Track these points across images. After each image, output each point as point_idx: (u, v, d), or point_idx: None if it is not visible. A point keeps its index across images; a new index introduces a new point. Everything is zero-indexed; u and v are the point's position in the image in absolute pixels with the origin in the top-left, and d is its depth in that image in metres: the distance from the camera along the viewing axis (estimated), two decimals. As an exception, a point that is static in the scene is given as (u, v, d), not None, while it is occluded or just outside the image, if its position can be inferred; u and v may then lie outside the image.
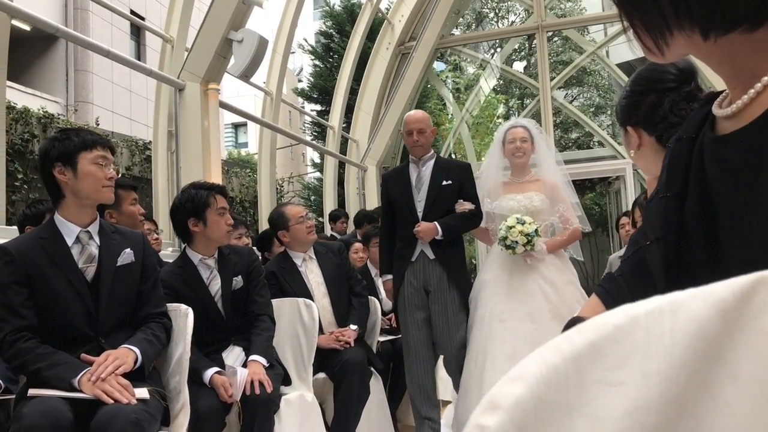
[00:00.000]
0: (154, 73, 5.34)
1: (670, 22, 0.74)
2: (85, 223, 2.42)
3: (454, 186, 3.95)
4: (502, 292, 3.75)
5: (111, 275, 2.40)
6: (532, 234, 3.65)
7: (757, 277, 0.40)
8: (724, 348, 0.39)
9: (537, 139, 4.06)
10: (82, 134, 2.42)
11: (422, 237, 3.85)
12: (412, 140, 4.02)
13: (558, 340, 0.39)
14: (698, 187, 0.83)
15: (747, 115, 0.77)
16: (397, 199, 4.04)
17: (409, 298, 3.91)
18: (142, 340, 2.38)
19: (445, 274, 3.87)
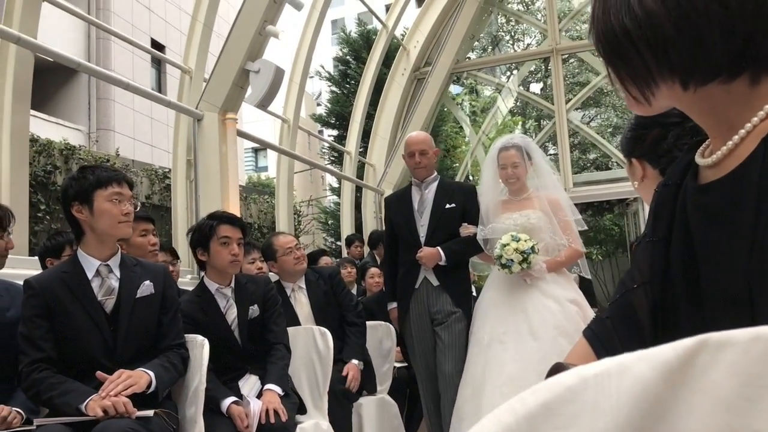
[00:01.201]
0: (173, 104, 5.45)
1: (653, 73, 0.78)
2: (105, 257, 2.50)
3: (457, 209, 3.83)
4: (501, 313, 3.57)
5: (130, 307, 2.47)
6: (528, 251, 3.46)
7: (699, 340, 0.44)
8: (667, 407, 0.43)
9: (533, 155, 3.82)
10: (97, 172, 2.49)
11: (425, 263, 3.75)
12: (414, 162, 3.90)
13: (513, 401, 0.42)
14: (682, 234, 0.87)
15: (726, 165, 0.80)
16: (399, 224, 3.93)
17: (414, 328, 3.82)
18: (158, 366, 2.44)
19: (449, 301, 3.76)
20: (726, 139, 0.80)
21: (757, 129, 0.76)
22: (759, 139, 0.75)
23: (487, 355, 3.46)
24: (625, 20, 0.76)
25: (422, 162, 3.88)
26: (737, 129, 0.78)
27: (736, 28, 0.72)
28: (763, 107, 0.76)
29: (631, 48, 0.77)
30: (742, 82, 0.76)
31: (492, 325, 3.54)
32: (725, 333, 0.44)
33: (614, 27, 0.78)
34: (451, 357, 3.67)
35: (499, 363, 3.39)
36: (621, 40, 0.78)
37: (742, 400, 0.42)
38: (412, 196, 3.96)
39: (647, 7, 0.74)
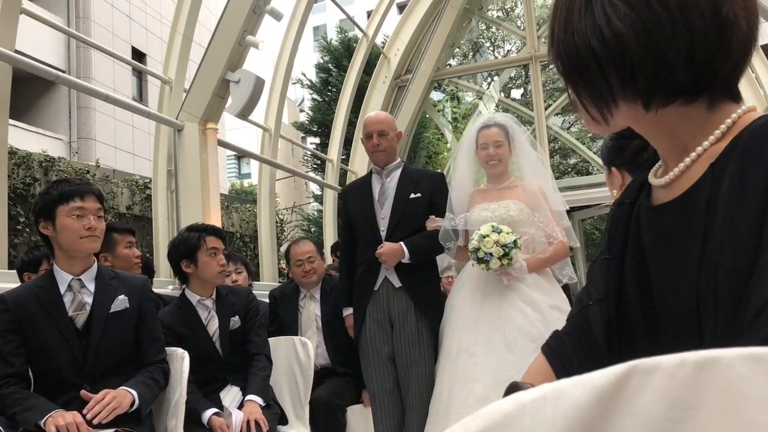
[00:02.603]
0: (153, 115, 5.45)
1: (615, 93, 0.80)
2: (78, 272, 2.48)
3: (423, 199, 3.37)
4: (472, 319, 3.10)
5: (102, 322, 2.45)
6: (510, 245, 2.99)
7: (630, 366, 0.47)
8: (600, 429, 0.46)
9: (516, 138, 3.36)
10: (61, 186, 2.47)
11: (386, 261, 3.28)
12: (371, 145, 3.43)
13: (456, 427, 0.45)
14: (635, 252, 0.89)
15: (678, 187, 0.83)
16: (357, 217, 3.46)
17: (371, 337, 3.35)
18: (141, 384, 2.43)
19: (412, 306, 3.29)
20: (679, 161, 0.83)
21: (708, 153, 0.80)
22: (708, 164, 0.78)
23: (455, 369, 3.03)
24: (591, 41, 0.78)
25: (381, 144, 3.41)
26: (690, 152, 0.81)
27: (700, 53, 0.75)
28: (714, 132, 0.80)
29: (595, 68, 0.79)
30: (700, 106, 0.79)
31: (461, 333, 3.10)
32: (655, 358, 0.47)
33: (578, 47, 0.80)
34: (415, 374, 3.24)
35: (468, 379, 2.96)
36: (585, 61, 0.80)
37: (669, 422, 0.45)
38: (372, 185, 3.49)
39: (616, 29, 0.76)
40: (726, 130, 0.78)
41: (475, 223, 3.21)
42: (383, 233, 3.35)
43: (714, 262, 0.73)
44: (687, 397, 0.45)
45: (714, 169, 0.77)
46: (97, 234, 2.46)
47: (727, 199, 0.72)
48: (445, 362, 3.12)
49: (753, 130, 0.74)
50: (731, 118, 0.78)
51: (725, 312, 0.70)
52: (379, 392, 3.30)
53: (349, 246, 3.53)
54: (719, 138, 0.79)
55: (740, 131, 0.76)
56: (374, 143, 3.42)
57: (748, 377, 0.44)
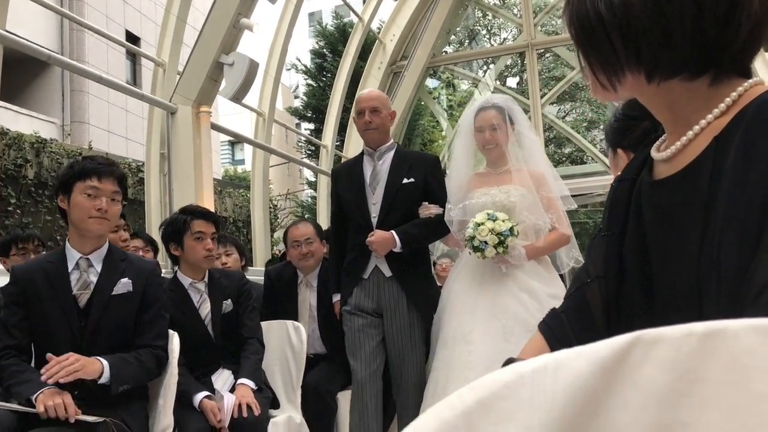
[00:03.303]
0: (146, 97, 5.41)
1: (622, 62, 0.80)
2: (87, 251, 2.47)
3: (417, 184, 3.20)
4: (469, 308, 3.02)
5: (103, 303, 2.42)
6: (506, 233, 2.91)
7: (634, 336, 0.45)
8: (602, 401, 0.44)
9: (517, 119, 3.23)
10: (84, 163, 2.46)
11: (376, 249, 3.13)
12: (363, 122, 3.24)
13: (452, 397, 0.44)
14: (636, 229, 0.88)
15: (680, 161, 0.82)
16: (348, 201, 3.30)
17: (358, 322, 3.21)
18: (119, 358, 2.36)
19: (404, 296, 3.15)
20: (682, 135, 0.81)
21: (711, 126, 0.78)
22: (712, 137, 0.77)
23: (451, 357, 2.95)
24: (600, 7, 0.78)
25: (374, 122, 3.22)
26: (693, 126, 0.80)
27: (707, 28, 0.74)
28: (718, 105, 0.78)
29: (603, 35, 0.79)
30: (703, 81, 0.78)
31: (458, 322, 3.01)
32: (658, 329, 0.45)
33: (589, 12, 0.80)
34: (407, 365, 3.15)
35: (464, 368, 2.86)
36: (594, 26, 0.80)
37: (673, 394, 0.43)
38: (363, 167, 3.31)
39: None
40: (731, 103, 0.77)
41: (475, 209, 3.09)
42: (374, 220, 3.19)
43: (717, 237, 0.71)
44: (692, 369, 0.44)
45: (718, 143, 0.75)
46: (107, 217, 2.43)
47: (732, 173, 0.71)
48: (441, 351, 3.02)
49: (761, 103, 0.72)
50: (737, 92, 0.77)
51: (728, 288, 0.69)
52: (362, 380, 3.15)
53: (340, 230, 3.38)
54: (724, 111, 0.77)
55: (746, 105, 0.75)
56: (366, 120, 3.23)
57: (754, 349, 0.43)
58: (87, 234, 2.44)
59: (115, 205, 2.45)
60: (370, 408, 3.12)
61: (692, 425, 0.43)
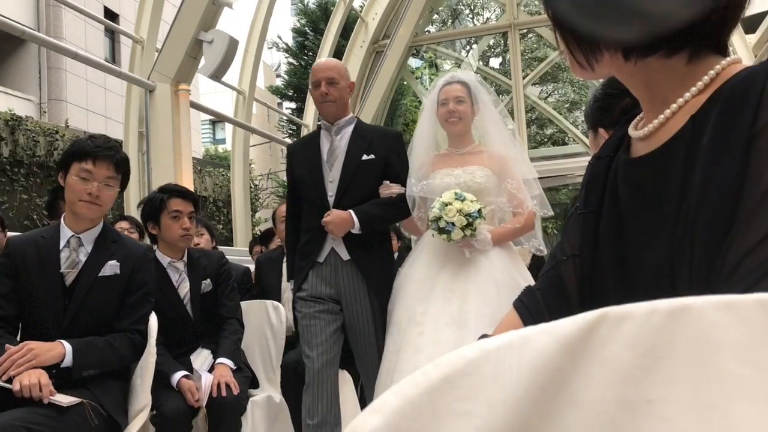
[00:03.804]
0: (124, 75, 5.34)
1: (598, 41, 0.79)
2: (80, 230, 2.44)
3: (377, 161, 2.98)
4: (425, 289, 2.82)
5: (89, 284, 2.39)
6: (475, 214, 2.71)
7: (600, 313, 0.45)
8: (567, 378, 0.44)
9: (480, 98, 3.05)
10: (84, 143, 2.42)
11: (332, 230, 2.90)
12: (319, 94, 3.01)
13: (417, 374, 0.43)
14: (612, 206, 0.88)
15: (656, 140, 0.82)
16: (303, 179, 3.06)
17: (311, 305, 2.97)
18: (86, 342, 2.32)
19: (363, 281, 2.94)
20: (659, 114, 0.81)
21: (688, 105, 0.78)
22: (689, 116, 0.77)
23: (402, 339, 2.76)
24: None
25: (331, 94, 2.98)
26: (670, 104, 0.80)
27: (681, 6, 0.73)
28: (696, 84, 0.78)
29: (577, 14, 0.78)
30: (680, 59, 0.78)
31: (412, 303, 2.81)
32: (625, 306, 0.45)
33: None
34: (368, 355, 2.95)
35: (413, 350, 2.68)
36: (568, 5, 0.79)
37: (638, 371, 0.43)
38: (320, 143, 3.07)
39: None
40: (709, 82, 0.76)
41: (437, 189, 2.89)
42: (331, 199, 2.96)
43: (691, 216, 0.71)
44: (657, 346, 0.43)
45: (694, 121, 0.75)
46: (98, 202, 2.39)
47: (708, 152, 0.70)
48: (394, 335, 2.82)
49: (737, 81, 0.72)
50: (714, 70, 0.76)
51: (700, 268, 0.69)
52: (318, 360, 2.91)
53: (295, 211, 3.15)
54: (701, 90, 0.77)
55: (723, 83, 0.74)
56: (322, 92, 2.99)
57: (720, 325, 0.43)
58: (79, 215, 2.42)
59: (107, 190, 2.40)
60: (325, 400, 2.90)
61: (657, 402, 0.43)
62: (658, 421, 0.42)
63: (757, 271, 0.61)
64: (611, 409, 0.43)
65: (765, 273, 0.60)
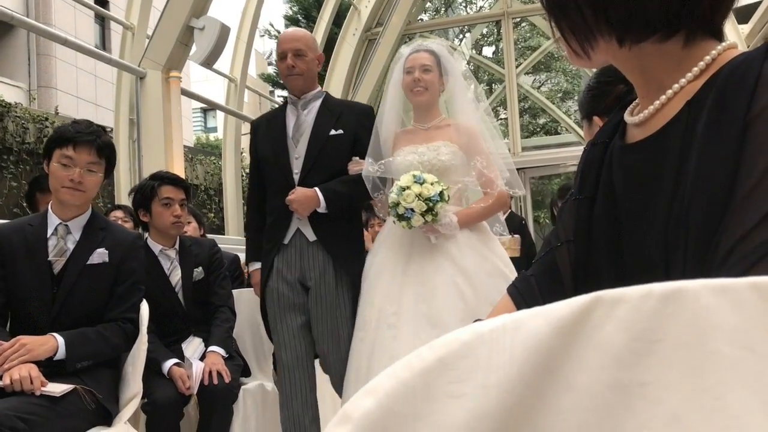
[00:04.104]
0: (114, 61, 5.29)
1: (592, 28, 0.79)
2: (67, 218, 2.41)
3: (346, 137, 2.82)
4: (394, 285, 2.62)
5: (77, 272, 2.36)
6: (435, 198, 2.50)
7: (594, 297, 0.45)
8: (560, 361, 0.44)
9: (450, 69, 2.83)
10: (65, 129, 2.38)
11: (297, 209, 2.73)
12: (285, 66, 2.84)
13: (410, 356, 0.43)
14: (607, 192, 0.88)
15: (652, 125, 0.82)
16: (267, 156, 2.89)
17: (279, 297, 2.82)
18: (77, 334, 2.29)
19: (330, 264, 2.77)
20: (655, 99, 0.81)
21: (684, 90, 0.78)
22: (684, 101, 0.77)
23: (374, 342, 2.58)
24: None
25: (297, 67, 2.82)
26: (666, 90, 0.79)
27: None
28: (692, 69, 0.77)
29: (571, 2, 0.78)
30: (675, 43, 0.78)
31: (381, 301, 2.62)
32: (619, 290, 0.45)
33: None
34: (332, 340, 2.74)
35: (387, 354, 2.50)
36: None
37: (631, 354, 0.43)
38: (286, 118, 2.91)
39: None
40: (705, 67, 0.76)
41: (400, 168, 2.69)
42: (296, 176, 2.79)
43: (686, 201, 0.71)
44: (651, 329, 0.43)
45: (690, 107, 0.75)
46: (81, 188, 2.35)
47: (703, 137, 0.70)
48: (363, 333, 2.63)
49: (733, 67, 0.72)
50: (710, 55, 0.76)
51: (694, 253, 0.69)
52: (289, 361, 2.78)
53: (258, 191, 2.98)
54: (697, 75, 0.77)
55: (719, 68, 0.74)
56: (288, 65, 2.82)
57: (713, 308, 0.43)
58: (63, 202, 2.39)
59: (90, 176, 2.36)
60: (300, 398, 2.76)
61: (651, 385, 0.43)
62: (651, 403, 0.42)
63: (751, 256, 0.61)
64: (604, 391, 0.43)
65: (759, 258, 0.60)
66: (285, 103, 2.98)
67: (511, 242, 5.34)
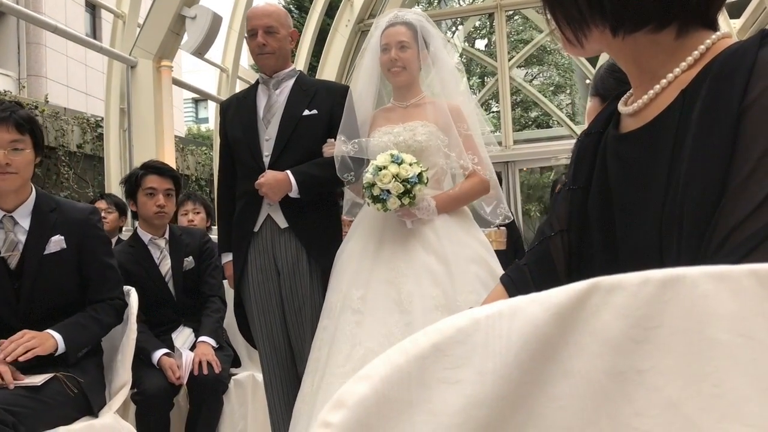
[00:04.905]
0: (105, 50, 5.25)
1: (586, 17, 0.78)
2: (9, 208, 2.22)
3: (321, 117, 2.64)
4: (362, 269, 2.43)
5: (35, 264, 2.21)
6: (413, 180, 2.32)
7: (591, 283, 0.44)
8: (557, 348, 0.43)
9: (431, 42, 2.62)
10: None
11: (267, 193, 2.55)
12: (256, 44, 2.67)
13: (405, 342, 0.42)
14: (600, 182, 0.88)
15: (646, 115, 0.81)
16: (236, 137, 2.71)
17: (255, 289, 2.65)
18: (71, 325, 2.22)
19: (304, 252, 2.59)
20: (648, 89, 0.81)
21: (678, 80, 0.78)
22: (679, 90, 0.76)
23: (336, 328, 2.38)
24: None
25: (269, 45, 2.65)
26: (660, 79, 0.79)
27: None
28: (686, 59, 0.77)
29: None
30: (669, 34, 0.77)
31: (348, 287, 2.42)
32: (616, 276, 0.44)
33: None
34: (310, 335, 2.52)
35: (349, 341, 2.32)
36: None
37: (629, 341, 0.43)
38: (257, 98, 2.74)
39: None
40: (699, 56, 0.76)
41: (374, 150, 2.50)
42: (266, 159, 2.61)
43: (681, 190, 0.71)
44: (649, 316, 0.43)
45: (685, 96, 0.74)
46: (11, 170, 2.14)
47: (697, 126, 0.70)
48: (326, 321, 2.43)
49: (727, 56, 0.71)
50: (705, 45, 0.76)
51: (689, 242, 0.69)
52: (270, 354, 2.65)
53: (228, 176, 2.80)
54: (691, 65, 0.76)
55: (713, 58, 0.74)
56: (259, 42, 2.64)
57: (712, 295, 0.42)
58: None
59: (18, 155, 2.15)
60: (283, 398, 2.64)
61: (648, 371, 0.42)
62: (649, 390, 0.42)
63: (746, 244, 0.61)
64: (601, 378, 0.43)
65: (754, 245, 0.60)
66: (256, 83, 2.80)
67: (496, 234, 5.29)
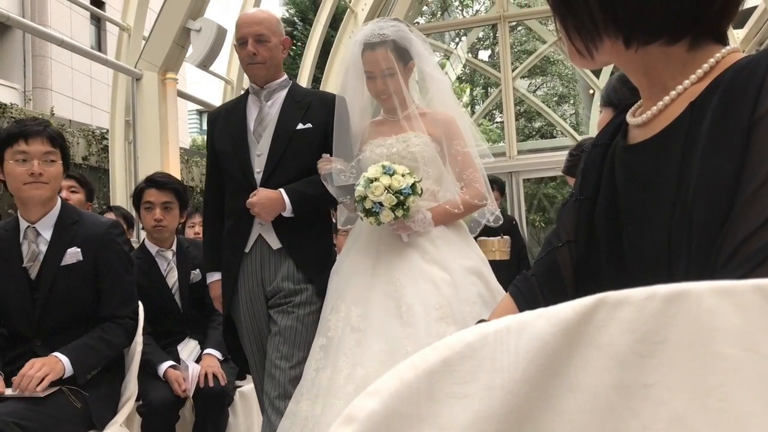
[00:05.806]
0: (110, 62, 5.29)
1: (599, 28, 0.79)
2: (34, 219, 2.32)
3: (316, 131, 2.49)
4: (363, 288, 2.32)
5: (52, 275, 2.28)
6: (407, 191, 2.23)
7: (598, 298, 0.45)
8: (564, 362, 0.44)
9: (415, 52, 2.49)
10: (10, 129, 2.31)
11: (259, 213, 2.40)
12: (246, 54, 2.50)
13: (414, 357, 0.43)
14: (608, 194, 0.88)
15: (655, 126, 0.82)
16: (225, 152, 2.55)
17: (245, 312, 2.50)
18: (80, 348, 2.25)
19: (297, 273, 2.44)
20: (658, 101, 0.81)
21: (688, 92, 0.78)
22: (688, 102, 0.77)
23: (337, 349, 2.24)
24: None
25: (259, 54, 2.48)
26: (669, 91, 0.80)
27: None
28: (696, 71, 0.78)
29: (581, 0, 0.78)
30: (681, 47, 0.78)
31: (347, 306, 2.31)
32: (623, 291, 0.45)
33: None
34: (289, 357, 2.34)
35: (350, 361, 2.19)
36: None
37: (635, 355, 0.43)
38: (247, 110, 2.58)
39: None
40: (708, 69, 0.77)
41: (368, 164, 2.39)
42: (258, 176, 2.47)
43: (689, 202, 0.71)
44: (655, 331, 0.43)
45: (694, 108, 0.75)
46: (43, 180, 2.25)
47: (707, 138, 0.70)
48: (324, 339, 2.32)
49: (737, 69, 0.72)
50: (714, 58, 0.77)
51: (697, 254, 0.69)
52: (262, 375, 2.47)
53: (216, 191, 2.63)
54: (701, 77, 0.77)
55: (723, 71, 0.74)
56: (249, 52, 2.48)
57: (717, 310, 0.43)
58: (27, 202, 2.29)
59: (49, 167, 2.27)
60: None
61: (654, 386, 0.43)
62: (655, 404, 0.42)
63: (754, 257, 0.61)
64: (608, 393, 0.43)
65: (763, 259, 0.60)
66: (246, 93, 2.65)
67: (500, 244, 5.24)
